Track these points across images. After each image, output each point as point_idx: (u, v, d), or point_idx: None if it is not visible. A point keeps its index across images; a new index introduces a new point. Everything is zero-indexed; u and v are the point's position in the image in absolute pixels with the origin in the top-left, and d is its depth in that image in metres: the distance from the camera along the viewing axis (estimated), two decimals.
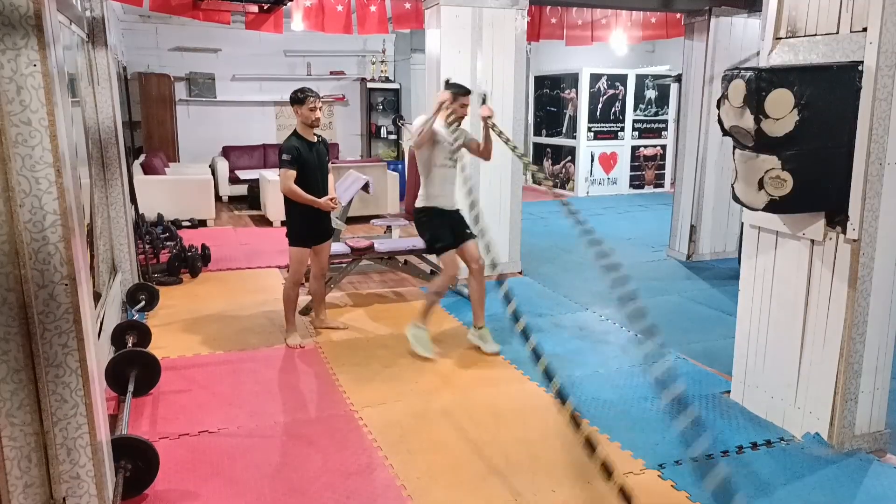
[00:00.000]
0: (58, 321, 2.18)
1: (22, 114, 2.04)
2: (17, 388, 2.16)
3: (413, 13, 8.20)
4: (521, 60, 6.53)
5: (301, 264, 4.87)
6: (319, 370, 4.49)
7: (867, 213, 3.21)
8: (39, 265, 2.12)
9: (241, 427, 3.71)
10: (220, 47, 11.39)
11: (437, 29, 6.23)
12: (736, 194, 3.47)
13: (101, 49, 5.26)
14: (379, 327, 5.29)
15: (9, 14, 1.99)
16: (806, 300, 3.53)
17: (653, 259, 7.58)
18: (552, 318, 5.52)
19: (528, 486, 3.15)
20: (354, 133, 12.68)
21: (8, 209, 2.06)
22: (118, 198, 5.53)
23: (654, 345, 4.79)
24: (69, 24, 3.79)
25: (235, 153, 11.32)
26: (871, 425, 3.51)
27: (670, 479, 3.22)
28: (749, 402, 3.92)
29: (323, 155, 4.85)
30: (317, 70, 12.04)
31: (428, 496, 3.08)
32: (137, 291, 5.53)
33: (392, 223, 7.23)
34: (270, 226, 9.19)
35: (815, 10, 3.43)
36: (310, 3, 7.91)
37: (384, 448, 3.48)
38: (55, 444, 2.24)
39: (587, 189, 12.26)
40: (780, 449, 3.51)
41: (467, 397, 4.09)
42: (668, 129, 12.51)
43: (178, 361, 4.59)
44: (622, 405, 4.00)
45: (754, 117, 3.13)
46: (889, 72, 3.10)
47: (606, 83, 12.10)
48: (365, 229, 8.50)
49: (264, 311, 5.61)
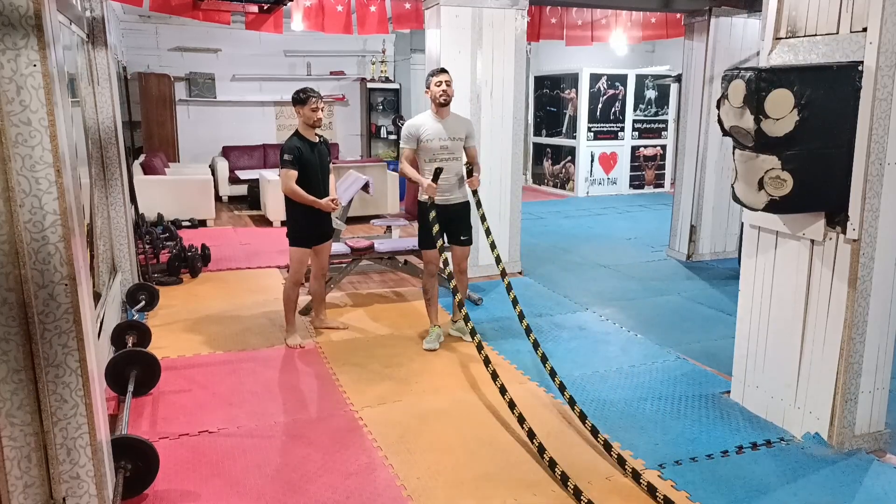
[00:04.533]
0: (58, 321, 2.18)
1: (22, 114, 2.04)
2: (17, 388, 2.16)
3: (413, 13, 8.20)
4: (521, 60, 6.53)
5: (301, 264, 4.88)
6: (319, 370, 4.49)
7: (867, 213, 3.21)
8: (39, 265, 2.12)
9: (241, 427, 3.71)
10: (220, 47, 11.39)
11: (437, 29, 6.24)
12: (736, 194, 3.47)
13: (101, 49, 5.27)
14: (379, 327, 5.29)
15: (9, 14, 1.99)
16: (806, 300, 3.53)
17: (653, 259, 7.58)
18: (552, 318, 5.52)
19: (527, 486, 3.15)
20: (354, 133, 12.69)
21: (8, 209, 2.06)
22: (118, 198, 5.53)
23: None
24: (69, 24, 3.79)
25: (235, 153, 11.33)
26: (871, 425, 3.51)
27: (670, 479, 3.22)
28: (749, 402, 3.92)
29: (324, 155, 4.85)
30: (317, 70, 12.04)
31: (428, 496, 3.08)
32: (137, 291, 5.53)
33: (392, 223, 7.23)
34: (270, 226, 9.19)
35: (815, 11, 3.43)
36: (310, 3, 7.91)
37: (384, 448, 3.48)
38: (55, 444, 2.24)
39: (587, 189, 12.26)
40: (780, 449, 3.51)
41: (467, 397, 4.09)
42: (668, 130, 12.51)
43: (178, 361, 4.59)
44: (622, 405, 4.00)
45: (754, 117, 3.13)
46: (889, 72, 3.10)
47: (606, 83, 12.10)
48: (365, 229, 8.50)
49: (264, 311, 5.61)
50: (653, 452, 3.46)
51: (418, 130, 4.68)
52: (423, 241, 4.88)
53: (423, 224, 4.82)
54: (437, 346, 4.87)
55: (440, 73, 4.67)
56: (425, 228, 4.81)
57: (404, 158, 4.74)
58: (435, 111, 4.70)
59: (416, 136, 4.68)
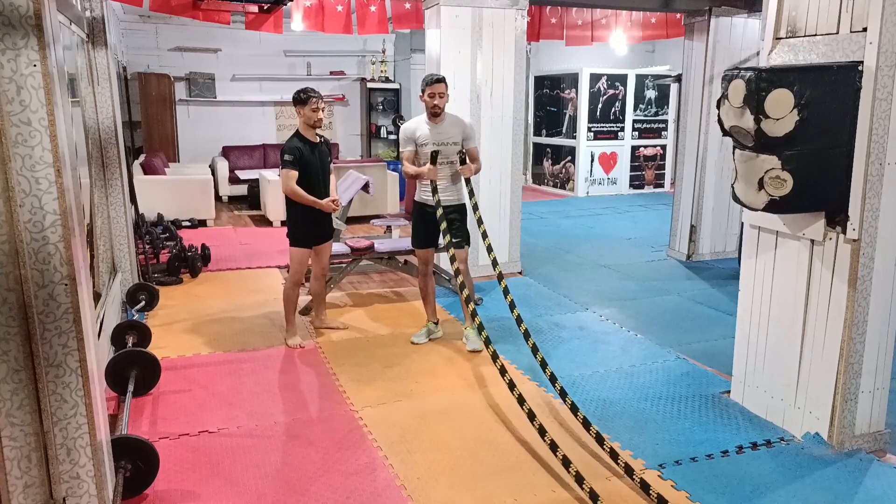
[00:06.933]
0: (58, 321, 2.18)
1: (22, 114, 2.04)
2: (17, 388, 2.16)
3: (413, 13, 8.20)
4: (521, 60, 6.53)
5: (302, 265, 4.87)
6: (319, 370, 4.49)
7: (867, 213, 3.21)
8: (39, 265, 2.12)
9: (241, 427, 3.71)
10: (220, 47, 11.39)
11: (437, 29, 6.24)
12: (736, 194, 3.47)
13: (101, 49, 5.26)
14: (379, 327, 5.28)
15: (9, 14, 1.99)
16: (806, 300, 3.53)
17: (653, 259, 7.58)
18: (552, 318, 5.52)
19: (527, 486, 3.15)
20: (354, 133, 12.68)
21: (8, 209, 2.06)
22: (118, 198, 5.53)
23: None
24: (69, 24, 3.79)
25: (235, 153, 11.33)
26: (871, 425, 3.51)
27: (670, 478, 3.22)
28: (749, 401, 3.92)
29: (325, 156, 4.85)
30: (317, 70, 12.04)
31: (428, 496, 3.08)
32: (137, 291, 5.53)
33: (392, 223, 7.23)
34: (270, 226, 9.19)
35: (815, 11, 3.43)
36: (310, 3, 7.91)
37: (384, 448, 3.48)
38: (55, 444, 2.24)
39: (587, 189, 12.26)
40: (780, 449, 3.51)
41: (467, 397, 4.09)
42: (667, 129, 12.51)
43: (178, 361, 4.59)
44: (622, 405, 4.00)
45: (754, 117, 3.13)
46: (889, 72, 3.10)
47: (606, 83, 12.10)
48: (365, 229, 8.51)
49: (264, 311, 5.61)
50: (653, 452, 3.46)
51: (414, 134, 4.70)
52: (414, 240, 4.95)
53: (416, 223, 4.87)
54: (424, 340, 4.92)
55: (434, 84, 4.60)
56: (418, 228, 4.85)
57: (405, 160, 4.77)
58: (428, 116, 4.71)
59: (412, 139, 4.71)
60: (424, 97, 4.64)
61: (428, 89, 4.61)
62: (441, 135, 4.67)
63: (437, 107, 4.61)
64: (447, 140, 4.69)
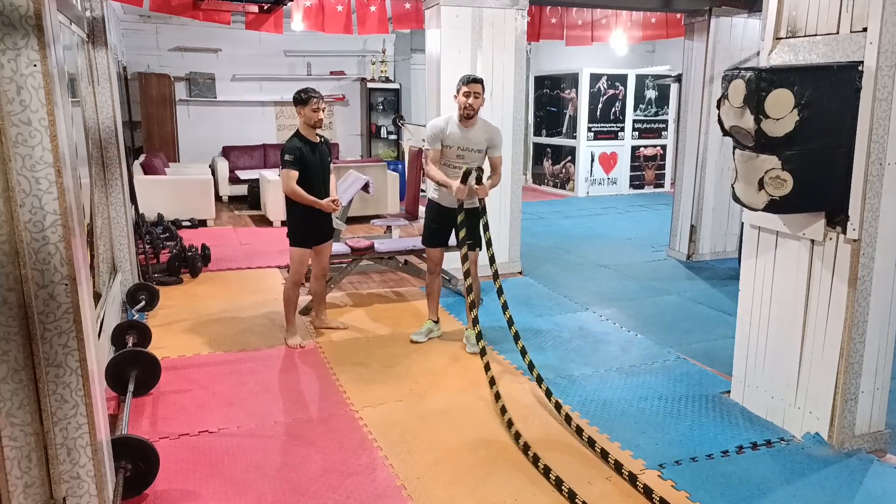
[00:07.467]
0: (58, 321, 2.18)
1: (22, 114, 2.04)
2: (17, 388, 2.16)
3: (413, 13, 8.20)
4: (521, 60, 6.53)
5: (302, 265, 4.88)
6: (319, 370, 4.49)
7: (867, 213, 3.21)
8: (39, 265, 2.12)
9: (241, 427, 3.71)
10: (220, 47, 11.39)
11: (437, 29, 6.24)
12: (736, 194, 3.47)
13: (101, 49, 5.26)
14: (379, 327, 5.28)
15: (9, 14, 1.99)
16: (806, 300, 3.53)
17: (653, 259, 7.58)
18: (552, 318, 5.52)
19: (527, 486, 3.15)
20: (354, 133, 12.69)
21: (8, 209, 2.06)
22: (118, 198, 5.53)
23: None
24: (69, 24, 3.79)
25: (235, 153, 11.33)
26: (871, 425, 3.51)
27: (670, 479, 3.22)
28: (749, 402, 3.92)
29: (325, 156, 4.85)
30: (317, 70, 12.04)
31: (428, 496, 3.08)
32: (137, 291, 5.53)
33: (392, 223, 7.23)
34: (270, 226, 9.19)
35: (815, 11, 3.43)
36: (310, 3, 7.91)
37: (384, 448, 3.48)
38: (55, 444, 2.24)
39: (587, 189, 12.26)
40: (780, 449, 3.51)
41: (467, 397, 4.09)
42: (668, 129, 12.51)
43: (178, 361, 4.59)
44: (622, 405, 4.00)
45: (754, 117, 3.13)
46: (889, 72, 3.10)
47: (606, 83, 12.10)
48: (365, 229, 8.51)
49: (264, 311, 5.61)
50: (653, 452, 3.46)
51: (443, 132, 4.54)
52: (425, 239, 4.92)
53: (429, 222, 4.84)
54: (423, 339, 4.91)
55: (471, 83, 4.43)
56: (431, 227, 4.82)
57: (430, 160, 4.57)
58: (459, 118, 4.55)
59: (440, 138, 4.54)
60: (459, 96, 4.45)
61: (464, 88, 4.43)
62: (469, 140, 4.54)
63: (470, 107, 4.43)
64: (473, 147, 4.56)
